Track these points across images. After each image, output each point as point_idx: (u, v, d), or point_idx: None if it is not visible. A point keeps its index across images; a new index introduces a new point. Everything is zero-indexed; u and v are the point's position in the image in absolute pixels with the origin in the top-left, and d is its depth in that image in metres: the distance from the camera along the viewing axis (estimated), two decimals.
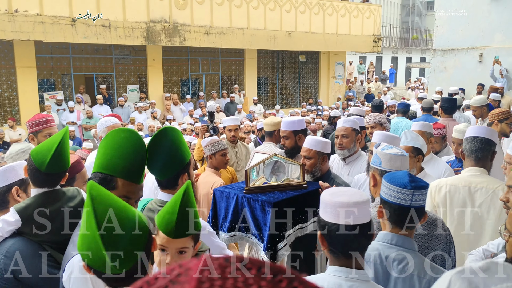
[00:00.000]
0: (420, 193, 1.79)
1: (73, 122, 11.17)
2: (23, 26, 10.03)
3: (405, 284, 1.74)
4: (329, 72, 17.79)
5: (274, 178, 2.98)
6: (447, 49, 12.04)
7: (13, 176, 2.15)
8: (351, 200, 1.58)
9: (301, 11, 15.12)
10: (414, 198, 1.78)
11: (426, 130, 3.92)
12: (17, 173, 2.16)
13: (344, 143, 3.66)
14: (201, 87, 15.45)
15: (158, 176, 2.11)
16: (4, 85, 11.66)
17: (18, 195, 2.14)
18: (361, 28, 16.90)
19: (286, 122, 3.72)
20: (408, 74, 32.55)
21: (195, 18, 12.73)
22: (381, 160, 2.29)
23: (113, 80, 13.50)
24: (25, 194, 2.14)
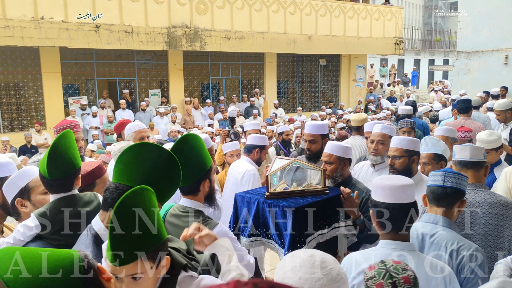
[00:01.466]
0: (452, 176, 2.18)
1: (96, 126, 11.39)
2: (49, 33, 10.30)
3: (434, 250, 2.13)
4: (350, 75, 17.66)
5: (295, 183, 2.98)
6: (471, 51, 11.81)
7: (14, 189, 2.18)
8: (398, 183, 1.93)
9: (321, 14, 15.07)
10: (446, 179, 2.17)
11: (450, 135, 3.84)
12: (16, 185, 2.18)
13: (379, 149, 3.55)
14: (221, 91, 15.54)
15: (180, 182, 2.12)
16: (31, 90, 11.98)
17: (23, 206, 2.17)
18: (382, 30, 16.73)
19: (314, 126, 3.59)
20: (431, 77, 32.02)
21: (216, 22, 12.84)
22: None
23: (135, 85, 13.71)
24: (29, 202, 2.17)
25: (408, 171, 2.96)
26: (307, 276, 1.18)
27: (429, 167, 3.16)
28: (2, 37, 9.76)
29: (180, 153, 2.06)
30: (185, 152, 2.08)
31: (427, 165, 3.17)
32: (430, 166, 3.16)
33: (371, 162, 3.64)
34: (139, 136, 3.83)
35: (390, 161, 3.04)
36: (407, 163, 2.98)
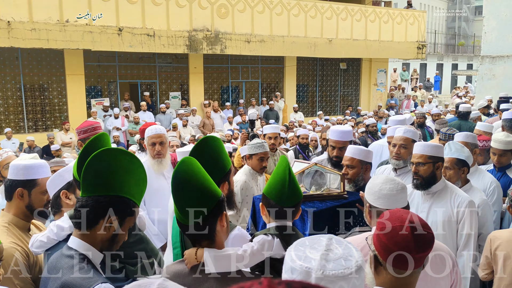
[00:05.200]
0: None
1: (117, 128, 11.57)
2: (73, 35, 10.53)
3: None
4: (371, 80, 17.50)
5: (314, 187, 2.96)
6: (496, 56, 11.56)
7: (60, 182, 2.24)
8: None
9: (342, 18, 14.98)
10: None
11: (471, 141, 3.77)
12: (64, 178, 2.25)
13: (401, 153, 3.51)
14: (240, 94, 15.59)
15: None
16: (55, 91, 12.25)
17: (68, 198, 2.23)
18: (404, 34, 16.53)
19: (343, 132, 3.53)
20: (454, 82, 31.45)
21: (236, 26, 12.90)
22: None
23: (156, 87, 13.88)
24: (73, 195, 2.24)
25: (433, 177, 2.87)
26: None
27: (450, 172, 3.10)
28: (28, 40, 10.03)
29: (200, 155, 2.07)
30: (205, 154, 2.07)
31: (448, 170, 3.11)
32: (452, 171, 3.10)
33: (393, 167, 3.59)
34: (151, 142, 3.67)
35: (414, 168, 2.95)
36: (431, 170, 2.88)
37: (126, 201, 1.60)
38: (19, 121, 11.90)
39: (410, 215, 1.49)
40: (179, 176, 1.67)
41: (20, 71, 11.68)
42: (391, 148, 3.63)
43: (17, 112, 11.93)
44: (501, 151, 3.86)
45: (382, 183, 2.02)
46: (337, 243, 1.10)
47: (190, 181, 1.66)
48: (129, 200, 1.61)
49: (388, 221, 1.47)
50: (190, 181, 1.66)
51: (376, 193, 2.01)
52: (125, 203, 1.60)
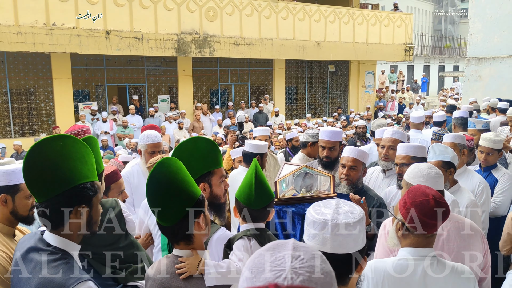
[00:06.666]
0: None
1: (106, 132, 11.47)
2: (60, 39, 10.42)
3: None
4: (359, 82, 17.61)
5: (304, 189, 2.96)
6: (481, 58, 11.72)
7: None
8: None
9: (330, 20, 15.07)
10: None
11: (459, 142, 3.80)
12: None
13: (390, 155, 3.53)
14: (230, 97, 15.58)
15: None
16: (41, 95, 12.11)
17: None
18: (392, 36, 16.68)
19: (333, 132, 3.55)
20: (441, 84, 31.81)
21: (225, 29, 12.90)
22: None
23: (145, 91, 13.80)
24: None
25: None
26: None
27: None
28: (14, 43, 9.90)
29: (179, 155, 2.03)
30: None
31: None
32: None
33: (381, 168, 3.60)
34: (151, 150, 3.60)
35: (398, 169, 2.99)
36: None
37: (84, 187, 1.53)
38: (5, 126, 11.74)
39: (430, 190, 1.89)
40: (154, 178, 1.64)
41: (6, 75, 11.52)
42: (380, 149, 3.65)
43: (3, 117, 11.76)
44: (489, 149, 3.92)
45: (428, 168, 2.33)
46: (343, 203, 1.40)
47: (165, 183, 1.62)
48: (86, 183, 1.54)
49: (414, 196, 1.86)
50: (166, 183, 1.62)
51: (425, 176, 2.29)
52: (84, 189, 1.53)
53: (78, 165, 1.53)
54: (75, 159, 1.53)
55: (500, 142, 3.99)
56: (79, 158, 1.54)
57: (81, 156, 1.55)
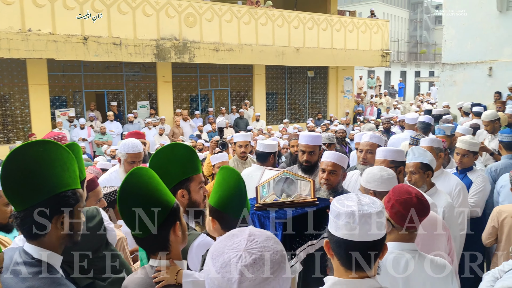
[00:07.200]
0: None
1: (83, 138, 11.29)
2: (36, 45, 10.24)
3: None
4: (338, 87, 17.82)
5: (285, 194, 2.97)
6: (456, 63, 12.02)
7: None
8: None
9: (309, 27, 15.23)
10: None
11: (435, 146, 3.90)
12: None
13: (368, 158, 3.58)
14: (210, 103, 15.55)
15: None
16: (17, 102, 11.84)
17: None
18: (369, 43, 16.96)
19: (313, 137, 3.56)
20: (417, 89, 32.47)
21: (204, 35, 12.89)
22: None
23: (124, 97, 13.65)
24: None
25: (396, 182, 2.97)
26: None
27: (416, 176, 3.19)
28: None
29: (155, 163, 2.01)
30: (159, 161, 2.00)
31: (414, 174, 3.20)
32: (417, 175, 3.19)
33: (360, 172, 3.65)
34: (130, 160, 3.53)
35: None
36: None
37: (65, 195, 1.48)
38: None
39: (413, 188, 2.03)
40: (126, 190, 1.57)
41: None
42: (358, 153, 3.71)
43: None
44: (465, 151, 4.02)
45: (380, 171, 2.43)
46: (362, 196, 1.52)
47: (137, 194, 1.55)
48: (67, 191, 1.49)
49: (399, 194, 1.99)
50: (138, 193, 1.55)
51: (378, 180, 2.39)
52: (66, 197, 1.48)
53: (60, 172, 1.48)
54: (57, 166, 1.48)
55: (476, 145, 4.10)
56: (60, 165, 1.49)
57: (63, 163, 1.50)
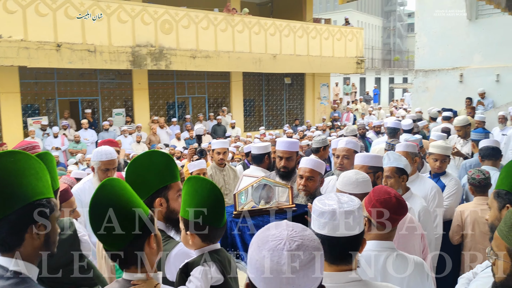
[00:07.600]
0: None
1: (57, 147, 11.03)
2: (7, 51, 9.98)
3: None
4: (314, 93, 18.00)
5: (263, 201, 2.97)
6: (428, 70, 12.32)
7: None
8: None
9: (285, 34, 15.36)
10: None
11: (411, 151, 3.97)
12: None
13: (344, 164, 3.61)
14: (187, 110, 15.46)
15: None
16: None
17: None
18: (344, 50, 17.22)
19: (290, 143, 3.59)
20: (392, 95, 33.12)
21: (181, 42, 12.83)
22: None
23: (99, 104, 13.43)
24: None
25: None
26: None
27: (391, 180, 3.24)
28: None
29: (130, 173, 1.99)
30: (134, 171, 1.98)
31: (389, 178, 3.25)
32: (393, 180, 3.23)
33: (337, 177, 3.68)
34: (104, 167, 3.47)
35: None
36: (372, 179, 2.99)
37: (40, 203, 1.43)
38: None
39: (391, 189, 2.12)
40: (97, 203, 1.52)
41: None
42: (335, 159, 3.74)
43: None
44: (442, 156, 4.10)
45: (355, 174, 2.49)
46: (340, 195, 1.62)
47: (108, 206, 1.49)
48: (42, 200, 1.44)
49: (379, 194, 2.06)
50: (109, 206, 1.49)
51: (354, 183, 2.45)
52: (40, 205, 1.43)
53: (33, 181, 1.43)
54: (29, 175, 1.43)
55: (450, 149, 4.23)
56: (33, 174, 1.44)
57: (35, 172, 1.45)
